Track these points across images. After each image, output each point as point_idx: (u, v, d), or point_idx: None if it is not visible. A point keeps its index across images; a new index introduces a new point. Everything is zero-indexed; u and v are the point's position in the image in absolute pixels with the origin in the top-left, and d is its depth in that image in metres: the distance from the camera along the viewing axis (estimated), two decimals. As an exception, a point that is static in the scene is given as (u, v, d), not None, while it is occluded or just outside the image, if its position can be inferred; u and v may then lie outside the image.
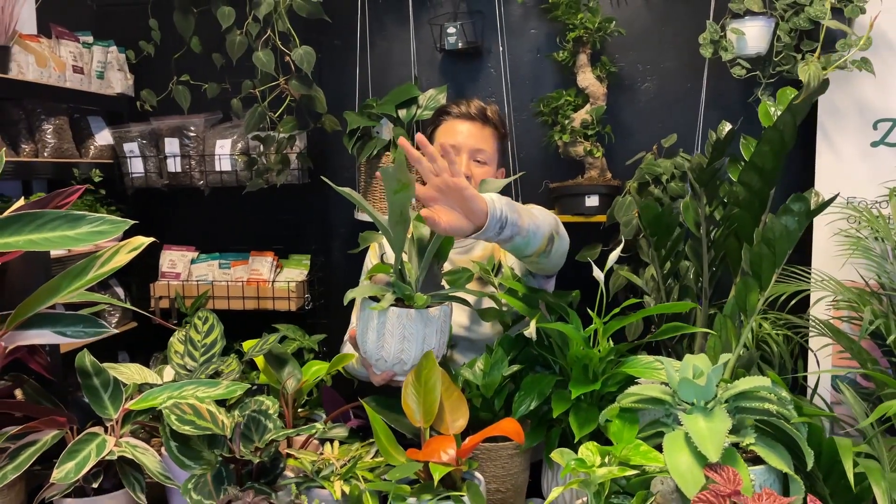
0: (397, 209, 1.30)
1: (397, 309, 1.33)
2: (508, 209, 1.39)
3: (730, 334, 1.47)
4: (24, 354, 1.43)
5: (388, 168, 1.24)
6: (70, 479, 1.23)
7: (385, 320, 1.34)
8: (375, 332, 1.35)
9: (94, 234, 1.26)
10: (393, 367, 1.38)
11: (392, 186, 1.26)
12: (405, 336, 1.34)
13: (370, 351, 1.37)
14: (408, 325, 1.33)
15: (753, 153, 1.53)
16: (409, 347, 1.34)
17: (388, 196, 1.27)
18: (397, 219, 1.31)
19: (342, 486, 1.30)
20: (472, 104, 1.87)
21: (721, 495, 1.02)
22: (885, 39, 2.21)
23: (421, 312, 1.34)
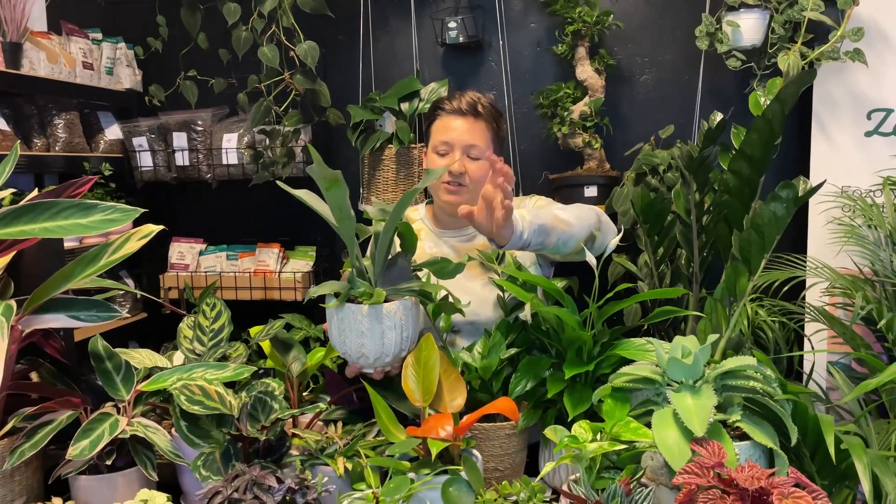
0: (336, 205, 1.34)
1: (352, 306, 1.38)
2: (534, 235, 1.51)
3: (720, 318, 1.52)
4: (39, 339, 1.49)
5: (313, 168, 1.29)
6: (85, 455, 1.29)
7: (343, 317, 1.39)
8: (336, 328, 1.41)
9: (106, 221, 1.31)
10: (357, 360, 1.43)
11: (322, 185, 1.31)
12: (362, 332, 1.38)
13: (335, 345, 1.43)
14: (362, 321, 1.38)
15: (743, 142, 1.57)
16: (368, 343, 1.39)
17: (324, 194, 1.33)
18: (339, 215, 1.35)
19: (345, 462, 1.35)
20: (464, 99, 1.88)
21: (705, 467, 1.07)
22: (878, 31, 2.24)
23: (374, 308, 1.37)
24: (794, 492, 1.01)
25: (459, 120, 1.86)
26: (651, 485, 1.19)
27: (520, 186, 2.70)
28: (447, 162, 1.82)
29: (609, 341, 1.53)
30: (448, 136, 1.86)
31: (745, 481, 1.01)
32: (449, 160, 1.83)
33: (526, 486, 1.20)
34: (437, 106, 1.93)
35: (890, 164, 2.24)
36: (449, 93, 1.94)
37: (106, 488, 1.37)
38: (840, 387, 1.69)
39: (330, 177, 1.29)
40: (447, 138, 1.85)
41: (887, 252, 2.06)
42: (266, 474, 1.20)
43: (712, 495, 1.02)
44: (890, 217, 2.06)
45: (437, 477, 1.23)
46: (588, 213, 1.66)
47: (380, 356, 1.40)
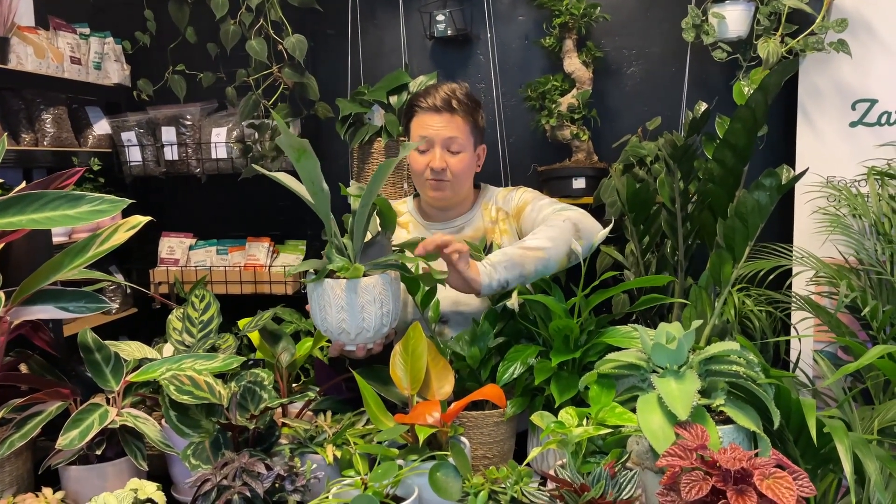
0: (308, 177, 1.33)
1: (330, 280, 1.39)
2: (507, 272, 1.55)
3: (705, 305, 1.53)
4: (28, 331, 1.49)
5: (281, 139, 1.28)
6: (75, 445, 1.29)
7: (321, 292, 1.39)
8: (317, 305, 1.41)
9: (93, 212, 1.31)
10: (339, 336, 1.43)
11: (292, 155, 1.29)
12: (342, 307, 1.38)
13: (317, 323, 1.44)
14: (341, 295, 1.38)
15: (727, 131, 1.59)
16: (348, 318, 1.39)
17: (295, 167, 1.32)
18: (312, 188, 1.35)
19: (334, 450, 1.36)
20: (438, 95, 1.85)
21: (689, 449, 1.08)
22: (862, 22, 2.27)
23: (352, 282, 1.38)
24: (775, 472, 1.02)
25: (436, 116, 1.85)
26: (636, 468, 1.20)
27: (508, 179, 2.72)
28: (428, 159, 1.83)
29: (596, 329, 1.54)
30: (426, 133, 1.85)
31: (727, 463, 1.02)
32: (429, 157, 1.84)
33: (513, 470, 1.21)
34: (413, 103, 1.91)
35: (874, 154, 2.26)
36: (426, 88, 1.93)
37: (96, 478, 1.38)
38: (825, 374, 1.71)
39: (298, 146, 1.28)
40: (425, 134, 1.85)
41: (872, 241, 2.08)
42: (255, 461, 1.21)
43: (695, 477, 1.03)
44: (874, 206, 2.08)
45: (425, 462, 1.24)
46: (563, 229, 1.65)
47: (360, 332, 1.41)
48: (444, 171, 1.82)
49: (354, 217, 1.44)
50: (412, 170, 1.88)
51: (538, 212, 1.82)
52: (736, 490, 1.00)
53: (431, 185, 1.85)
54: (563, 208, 1.78)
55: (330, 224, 1.42)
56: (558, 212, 1.76)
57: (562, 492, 1.09)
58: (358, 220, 1.42)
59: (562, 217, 1.70)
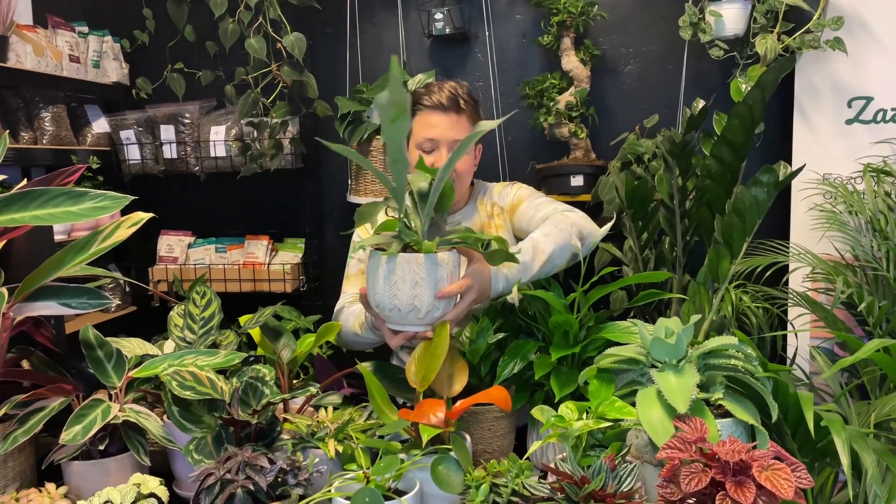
0: (396, 143, 1.25)
1: (406, 254, 1.35)
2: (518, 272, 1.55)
3: (703, 300, 1.55)
4: (29, 328, 1.50)
5: (382, 95, 1.19)
6: (78, 440, 1.30)
7: (395, 267, 1.35)
8: (386, 281, 1.35)
9: (96, 209, 1.32)
10: (407, 315, 1.38)
11: (390, 113, 1.20)
12: (416, 281, 1.35)
13: (383, 301, 1.38)
14: (417, 269, 1.34)
15: (724, 128, 1.60)
16: (422, 293, 1.35)
17: (385, 129, 1.23)
18: (396, 155, 1.27)
19: (336, 445, 1.37)
20: (444, 93, 1.84)
21: (688, 442, 1.09)
22: (858, 19, 2.28)
23: (429, 256, 1.35)
24: (773, 464, 1.03)
25: (442, 116, 1.84)
26: (636, 461, 1.21)
27: (507, 177, 2.73)
28: (433, 159, 1.82)
29: (595, 325, 1.55)
30: (433, 133, 1.83)
31: (726, 455, 1.03)
32: (435, 157, 1.82)
33: (514, 464, 1.22)
34: (416, 100, 1.88)
35: (870, 151, 2.28)
36: (426, 85, 1.91)
37: (98, 474, 1.38)
38: (822, 369, 1.73)
39: (400, 104, 1.18)
40: (432, 135, 1.83)
41: (868, 238, 2.10)
42: (258, 455, 1.22)
43: (695, 469, 1.04)
44: (870, 203, 2.10)
45: (427, 456, 1.25)
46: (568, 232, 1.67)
47: (431, 308, 1.37)
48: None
49: (427, 194, 1.38)
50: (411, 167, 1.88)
51: (536, 209, 1.83)
52: (735, 482, 1.02)
53: None
54: (566, 209, 1.79)
55: (404, 196, 1.36)
56: (562, 213, 1.77)
57: (562, 484, 1.10)
58: (431, 196, 1.36)
59: (568, 220, 1.72)
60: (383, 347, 2.07)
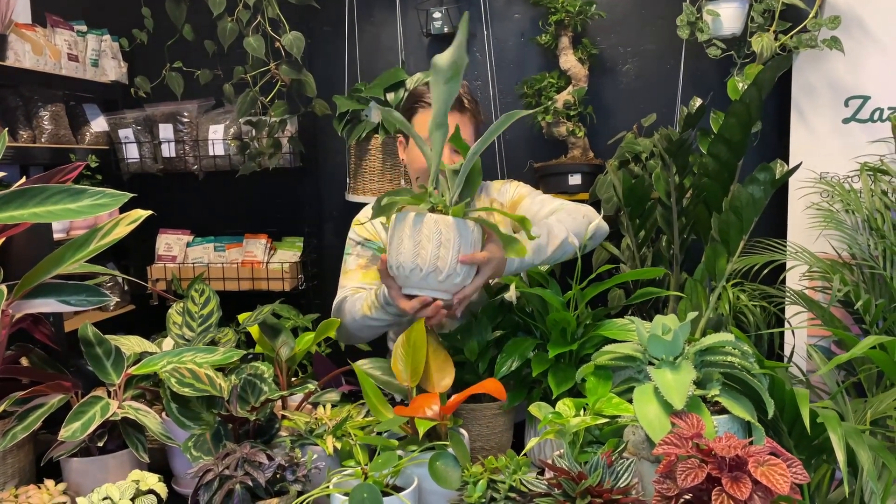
0: (443, 105, 1.25)
1: (435, 214, 1.35)
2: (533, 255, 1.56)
3: (700, 298, 1.55)
4: (28, 325, 1.50)
5: (443, 55, 1.18)
6: (77, 436, 1.30)
7: (421, 226, 1.35)
8: (411, 240, 1.35)
9: (95, 206, 1.32)
10: (427, 276, 1.37)
11: (445, 74, 1.20)
12: (441, 242, 1.35)
13: (405, 261, 1.37)
14: (444, 231, 1.35)
15: (721, 126, 1.61)
16: (445, 254, 1.35)
17: (436, 90, 1.23)
18: (440, 120, 1.28)
19: (334, 441, 1.38)
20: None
21: (684, 438, 1.10)
22: (855, 19, 2.29)
23: (458, 220, 1.36)
24: (769, 459, 1.04)
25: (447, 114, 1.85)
26: (633, 458, 1.22)
27: (505, 175, 2.73)
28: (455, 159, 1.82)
29: (592, 322, 1.56)
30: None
31: (722, 451, 1.04)
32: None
33: (511, 460, 1.23)
34: (419, 97, 1.88)
35: (867, 150, 2.29)
36: (427, 83, 1.91)
37: (97, 470, 1.39)
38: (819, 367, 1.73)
39: (458, 64, 1.18)
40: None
41: (864, 236, 2.10)
42: (256, 452, 1.22)
43: (691, 465, 1.05)
44: (867, 202, 2.10)
45: (425, 452, 1.26)
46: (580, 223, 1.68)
47: (452, 273, 1.37)
48: None
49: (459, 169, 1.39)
50: (415, 167, 1.87)
51: (541, 205, 1.83)
52: (731, 477, 1.02)
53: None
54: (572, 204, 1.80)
55: (438, 160, 1.36)
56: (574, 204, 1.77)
57: (559, 480, 1.11)
58: (462, 171, 1.37)
59: (580, 211, 1.73)
60: (381, 345, 2.08)
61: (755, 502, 1.00)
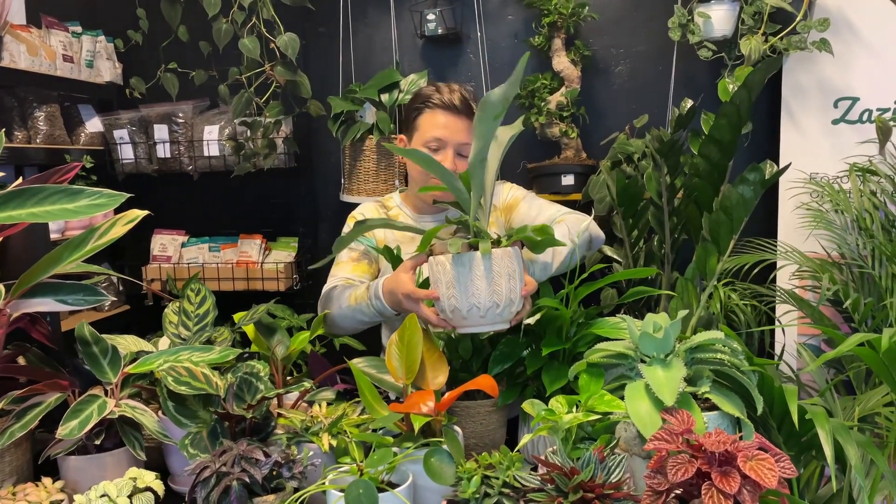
0: (487, 141, 1.26)
1: (498, 249, 1.37)
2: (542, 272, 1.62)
3: (691, 296, 1.57)
4: (25, 324, 1.51)
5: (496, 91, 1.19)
6: (74, 435, 1.31)
7: (492, 264, 1.37)
8: (485, 280, 1.36)
9: (92, 206, 1.33)
10: (503, 310, 1.40)
11: (496, 109, 1.21)
12: (510, 274, 1.38)
13: (481, 301, 1.38)
14: (509, 263, 1.38)
15: (712, 127, 1.63)
16: (514, 286, 1.39)
17: (483, 126, 1.24)
18: (484, 154, 1.29)
19: (329, 439, 1.39)
20: (455, 95, 1.84)
21: (675, 434, 1.12)
22: (844, 21, 2.31)
23: (514, 248, 1.39)
24: (757, 454, 1.06)
25: (453, 117, 1.83)
26: (624, 454, 1.24)
27: (498, 175, 2.74)
28: (439, 159, 1.82)
29: (585, 321, 1.58)
30: (442, 133, 1.83)
31: (711, 446, 1.06)
32: (441, 157, 1.83)
33: (505, 456, 1.24)
34: (425, 98, 1.87)
35: (856, 150, 2.31)
36: (433, 84, 1.90)
37: (95, 468, 1.40)
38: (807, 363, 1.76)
39: (509, 100, 1.19)
40: (441, 135, 1.83)
41: (854, 236, 2.13)
42: (253, 449, 1.23)
43: (681, 460, 1.07)
44: (856, 202, 2.13)
45: (420, 449, 1.27)
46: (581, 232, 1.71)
47: (518, 300, 1.41)
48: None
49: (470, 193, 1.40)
50: (416, 170, 1.88)
51: (539, 210, 1.85)
52: (720, 472, 1.04)
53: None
54: (569, 212, 1.82)
55: (480, 196, 1.37)
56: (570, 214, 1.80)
57: (552, 475, 1.12)
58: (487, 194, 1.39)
59: (581, 221, 1.75)
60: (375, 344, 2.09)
61: (744, 496, 1.02)
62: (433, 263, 1.45)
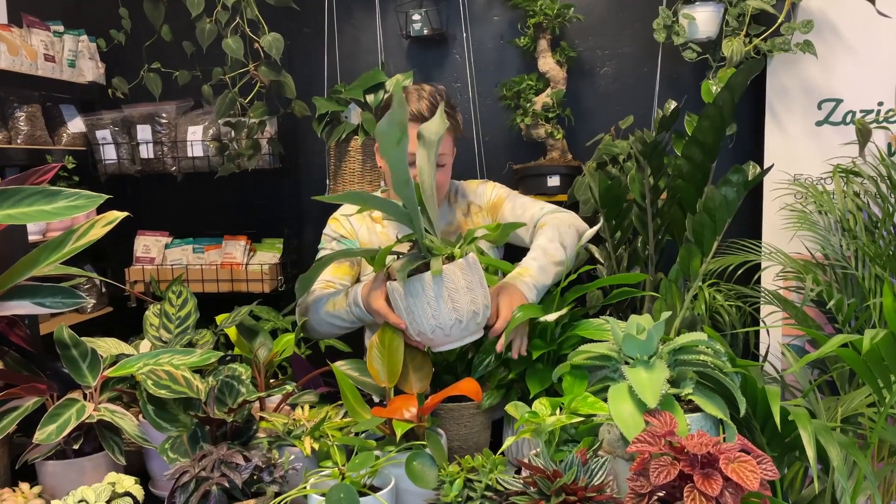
0: (402, 165, 1.25)
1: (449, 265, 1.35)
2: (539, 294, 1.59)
3: (674, 298, 1.57)
4: (3, 327, 1.49)
5: (383, 121, 1.19)
6: (52, 439, 1.29)
7: (445, 281, 1.35)
8: (442, 299, 1.35)
9: (70, 208, 1.32)
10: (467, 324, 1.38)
11: (393, 137, 1.21)
12: (468, 286, 1.36)
13: (445, 321, 1.37)
14: (464, 274, 1.36)
15: (695, 128, 1.63)
16: (476, 296, 1.37)
17: (388, 152, 1.23)
18: (405, 176, 1.28)
19: (311, 443, 1.38)
20: (423, 103, 1.79)
21: (657, 436, 1.12)
22: (827, 23, 2.32)
23: (466, 259, 1.38)
24: (739, 456, 1.05)
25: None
26: (607, 456, 1.23)
27: (484, 177, 2.74)
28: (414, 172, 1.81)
29: (570, 322, 1.57)
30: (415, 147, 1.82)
31: (694, 448, 1.06)
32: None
33: (488, 459, 1.24)
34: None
35: (840, 152, 2.32)
36: (405, 92, 1.85)
37: (73, 473, 1.38)
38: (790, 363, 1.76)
39: (403, 123, 1.20)
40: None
41: (837, 237, 2.14)
42: (233, 453, 1.22)
43: (664, 462, 1.06)
44: (840, 203, 2.14)
45: (402, 453, 1.26)
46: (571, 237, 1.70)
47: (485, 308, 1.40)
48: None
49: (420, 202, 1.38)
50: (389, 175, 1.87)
51: (523, 209, 1.85)
52: (702, 474, 1.04)
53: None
54: (553, 210, 1.81)
55: (419, 215, 1.36)
56: (555, 212, 1.79)
57: (535, 478, 1.12)
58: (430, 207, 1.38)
59: (565, 222, 1.74)
60: (359, 346, 2.08)
61: (726, 498, 1.02)
62: (390, 290, 1.43)
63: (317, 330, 1.77)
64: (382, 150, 1.26)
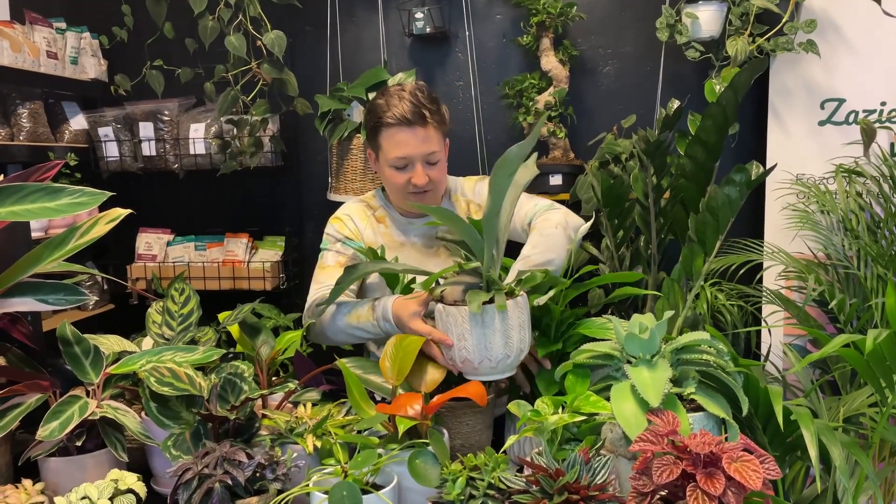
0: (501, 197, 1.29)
1: (510, 301, 1.38)
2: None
3: (677, 297, 1.57)
4: (6, 324, 1.49)
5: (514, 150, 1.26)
6: (54, 436, 1.30)
7: (508, 318, 1.38)
8: (500, 334, 1.37)
9: (73, 205, 1.32)
10: (511, 362, 1.41)
11: (511, 168, 1.27)
12: (521, 325, 1.39)
13: (496, 354, 1.39)
14: (520, 314, 1.39)
15: (698, 128, 1.63)
16: (525, 335, 1.41)
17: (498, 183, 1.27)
18: (498, 208, 1.31)
19: (314, 440, 1.38)
20: (406, 105, 1.76)
21: (660, 435, 1.12)
22: (830, 22, 2.32)
23: (523, 297, 1.41)
24: (742, 456, 1.05)
25: (408, 131, 1.77)
26: (610, 455, 1.23)
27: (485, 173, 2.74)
28: (408, 175, 1.80)
29: (572, 321, 1.57)
30: (404, 151, 1.78)
31: (696, 447, 1.06)
32: (410, 173, 1.80)
33: (490, 457, 1.24)
34: (378, 116, 1.79)
35: (842, 151, 2.32)
36: (382, 95, 1.83)
37: (76, 470, 1.38)
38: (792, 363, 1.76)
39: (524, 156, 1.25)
40: (404, 153, 1.78)
41: (839, 237, 2.14)
42: (236, 450, 1.22)
43: (666, 461, 1.06)
44: (842, 203, 2.14)
45: (404, 450, 1.26)
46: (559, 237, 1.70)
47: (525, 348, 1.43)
48: (427, 184, 1.83)
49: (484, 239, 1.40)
50: (390, 182, 1.86)
51: (519, 207, 1.85)
52: (705, 473, 1.04)
53: (414, 197, 1.84)
54: (547, 208, 1.81)
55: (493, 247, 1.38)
56: (546, 211, 1.79)
57: (537, 477, 1.12)
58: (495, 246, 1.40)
59: (551, 223, 1.73)
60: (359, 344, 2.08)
61: (728, 498, 1.02)
62: (444, 313, 1.44)
63: (330, 338, 1.77)
64: (494, 177, 1.30)
